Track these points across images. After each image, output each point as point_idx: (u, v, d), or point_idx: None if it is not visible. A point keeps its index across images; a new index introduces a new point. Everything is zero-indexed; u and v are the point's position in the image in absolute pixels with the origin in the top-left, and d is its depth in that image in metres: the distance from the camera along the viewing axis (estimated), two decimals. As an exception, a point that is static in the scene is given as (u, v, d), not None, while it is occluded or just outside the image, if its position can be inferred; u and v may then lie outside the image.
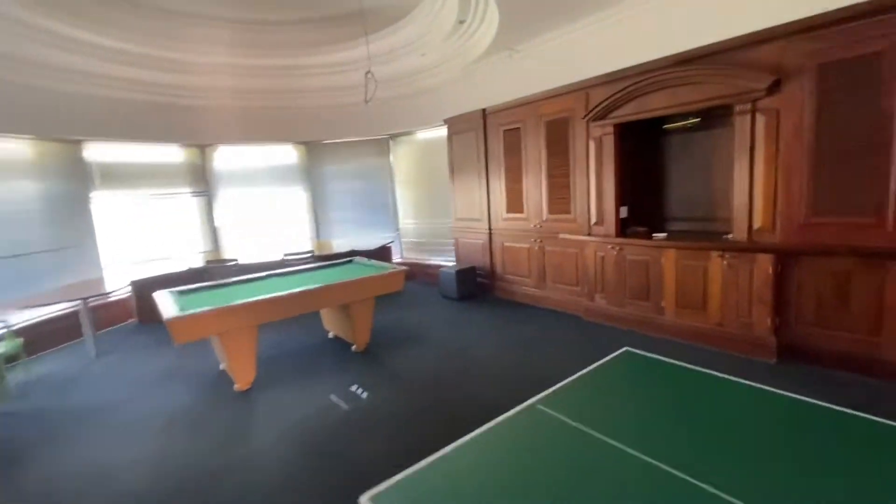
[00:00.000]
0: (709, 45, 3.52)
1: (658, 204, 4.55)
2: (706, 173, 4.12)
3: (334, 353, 4.33)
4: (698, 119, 3.97)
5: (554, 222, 5.09)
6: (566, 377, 1.81)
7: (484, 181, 5.88)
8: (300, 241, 7.45)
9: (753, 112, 3.39)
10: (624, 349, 2.20)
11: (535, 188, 5.23)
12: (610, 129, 4.34)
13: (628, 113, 4.14)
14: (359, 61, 5.84)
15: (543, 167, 5.09)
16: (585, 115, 4.48)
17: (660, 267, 4.10)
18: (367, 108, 7.00)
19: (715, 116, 3.85)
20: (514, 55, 5.09)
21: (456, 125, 6.16)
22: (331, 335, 4.81)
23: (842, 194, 3.07)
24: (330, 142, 7.41)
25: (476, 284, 6.12)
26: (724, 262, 3.67)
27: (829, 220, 3.15)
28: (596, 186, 4.59)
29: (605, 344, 4.07)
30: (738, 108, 3.47)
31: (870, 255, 2.99)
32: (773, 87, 3.24)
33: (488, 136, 5.73)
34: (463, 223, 6.37)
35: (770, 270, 3.43)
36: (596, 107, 4.34)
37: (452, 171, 6.37)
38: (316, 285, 3.86)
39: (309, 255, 5.97)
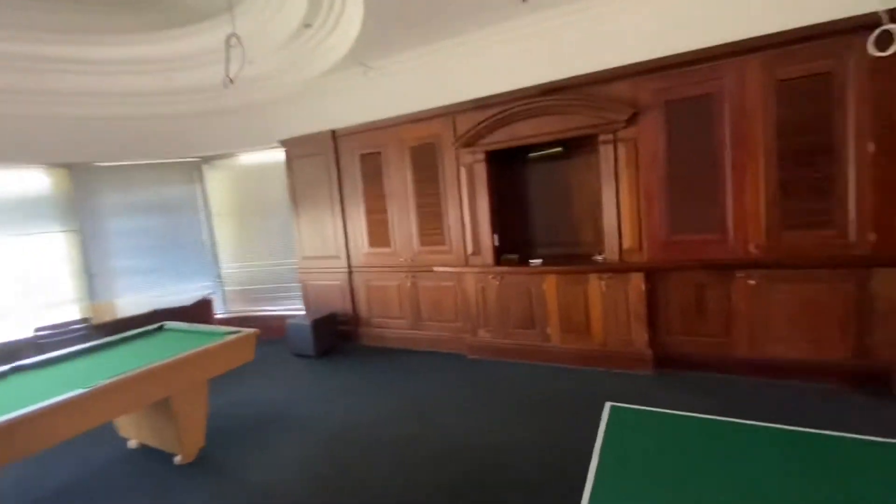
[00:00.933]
0: (573, 77, 3.68)
1: (525, 230, 4.56)
2: (569, 199, 4.29)
3: (144, 476, 2.84)
4: (561, 148, 4.12)
5: (427, 254, 4.64)
6: (479, 443, 1.38)
7: (339, 213, 5.07)
8: (63, 305, 5.15)
9: (615, 142, 3.63)
10: (608, 405, 1.81)
11: (404, 218, 4.71)
12: (481, 156, 4.18)
13: (499, 140, 4.05)
14: (155, 61, 4.42)
15: (412, 196, 4.63)
16: (455, 142, 4.23)
17: (542, 293, 4.04)
18: (167, 122, 5.44)
19: (576, 145, 4.05)
20: (368, 72, 4.56)
21: (298, 148, 5.22)
22: (133, 444, 3.22)
23: (693, 214, 3.47)
24: (109, 165, 5.44)
25: (337, 334, 5.16)
26: (603, 284, 3.79)
27: (684, 237, 3.52)
28: (470, 215, 4.34)
29: (502, 385, 3.74)
30: (601, 137, 3.68)
31: (718, 267, 3.42)
32: (632, 119, 3.52)
33: (342, 161, 4.99)
34: (313, 262, 5.37)
35: (642, 287, 3.66)
36: (465, 133, 4.13)
37: (295, 201, 5.35)
38: (107, 379, 2.44)
39: (82, 326, 4.07)
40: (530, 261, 4.13)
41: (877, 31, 2.71)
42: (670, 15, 3.34)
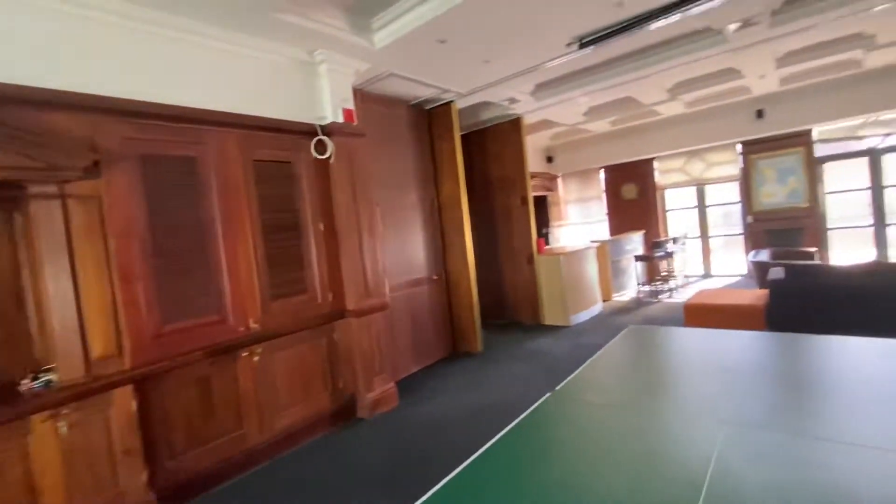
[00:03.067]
0: (-33, 77, 2.06)
1: None
2: (-62, 296, 2.28)
3: None
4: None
5: None
6: None
7: None
8: None
9: (64, 197, 2.36)
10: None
11: None
12: None
13: None
14: None
15: None
16: None
17: None
18: None
19: (-42, 198, 2.25)
20: None
21: None
22: None
23: (189, 296, 2.85)
24: None
25: None
26: (62, 425, 2.29)
27: (182, 324, 2.82)
28: None
29: None
30: (35, 189, 2.27)
31: (223, 352, 3.00)
32: (92, 170, 2.43)
33: None
34: None
35: (132, 407, 2.55)
36: None
37: None
38: None
39: None
40: None
41: (315, 139, 3.51)
42: (149, 55, 2.69)
